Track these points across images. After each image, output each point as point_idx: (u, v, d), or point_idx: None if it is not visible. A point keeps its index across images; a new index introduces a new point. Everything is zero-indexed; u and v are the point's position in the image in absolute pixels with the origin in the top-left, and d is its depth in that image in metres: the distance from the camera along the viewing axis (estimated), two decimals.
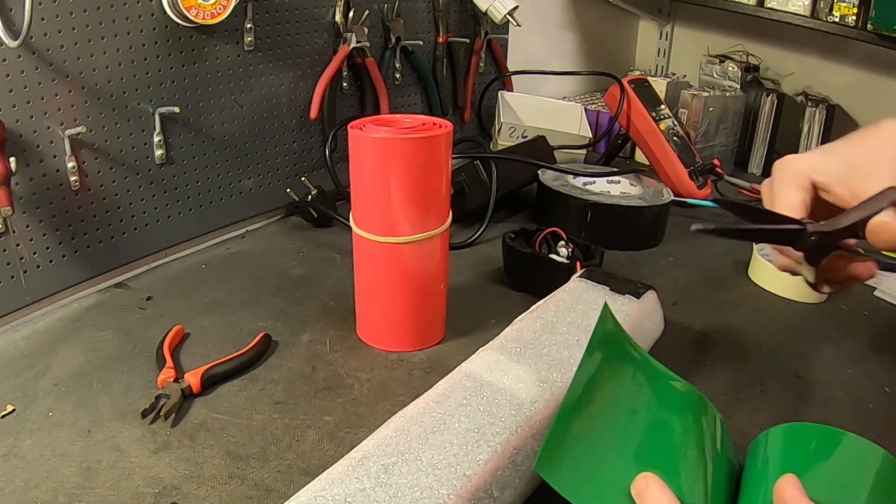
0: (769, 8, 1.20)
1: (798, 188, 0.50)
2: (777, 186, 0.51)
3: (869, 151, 0.49)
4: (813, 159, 0.50)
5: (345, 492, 0.36)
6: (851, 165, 0.49)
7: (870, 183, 0.47)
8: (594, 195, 0.86)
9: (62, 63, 0.64)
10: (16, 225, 0.63)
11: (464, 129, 1.20)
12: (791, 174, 0.50)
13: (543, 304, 0.57)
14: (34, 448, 0.49)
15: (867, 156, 0.49)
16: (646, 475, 0.36)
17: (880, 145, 0.49)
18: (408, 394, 0.56)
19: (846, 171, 0.48)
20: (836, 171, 0.49)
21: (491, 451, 0.40)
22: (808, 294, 0.74)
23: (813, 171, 0.49)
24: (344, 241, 0.76)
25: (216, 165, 0.82)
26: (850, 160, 0.49)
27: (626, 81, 1.05)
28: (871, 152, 0.49)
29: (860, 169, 0.48)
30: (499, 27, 1.15)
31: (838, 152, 0.50)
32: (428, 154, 0.56)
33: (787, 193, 0.50)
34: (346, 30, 0.91)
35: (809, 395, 0.59)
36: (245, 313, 0.68)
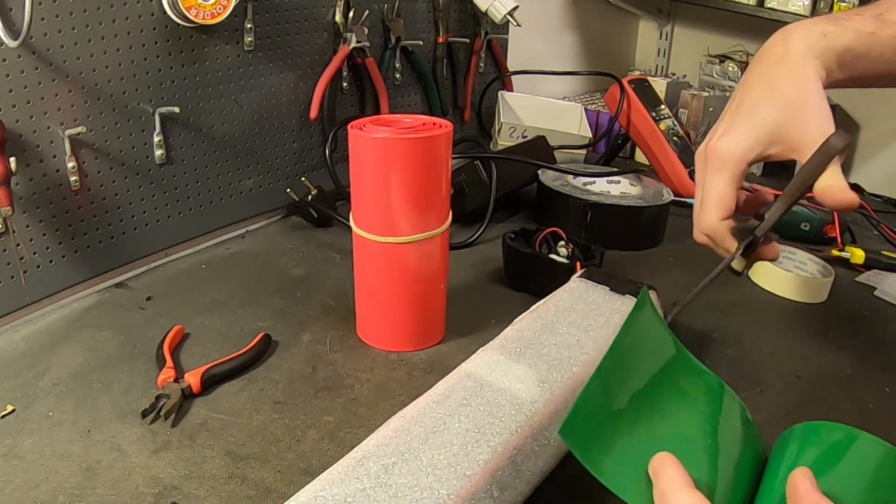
0: (769, 8, 1.20)
1: (730, 178, 0.48)
2: (709, 179, 0.49)
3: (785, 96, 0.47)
4: (737, 139, 0.48)
5: (345, 492, 0.36)
6: (777, 125, 0.47)
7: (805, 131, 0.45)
8: (594, 195, 0.86)
9: (62, 63, 0.64)
10: (16, 225, 0.63)
11: (464, 129, 1.20)
12: (720, 164, 0.49)
13: (543, 304, 0.57)
14: (34, 448, 0.49)
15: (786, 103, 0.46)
16: (663, 455, 0.36)
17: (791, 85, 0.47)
18: (408, 394, 0.56)
19: (775, 132, 0.47)
20: (765, 137, 0.47)
21: (491, 451, 0.40)
22: (808, 294, 0.74)
23: (743, 153, 0.48)
24: (344, 241, 0.76)
25: (216, 165, 0.82)
26: (772, 119, 0.47)
27: (626, 81, 1.05)
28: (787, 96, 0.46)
29: (788, 120, 0.46)
30: (499, 27, 1.15)
31: (755, 117, 0.48)
32: (428, 154, 0.56)
33: (719, 185, 0.49)
34: (346, 30, 0.91)
35: (809, 395, 0.59)
36: (245, 313, 0.68)
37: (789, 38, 0.48)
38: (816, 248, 0.82)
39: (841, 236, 0.87)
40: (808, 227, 0.88)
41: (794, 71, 0.47)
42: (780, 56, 0.48)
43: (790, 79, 0.47)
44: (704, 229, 0.50)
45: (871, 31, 0.48)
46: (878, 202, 1.10)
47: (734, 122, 0.49)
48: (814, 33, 0.48)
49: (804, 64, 0.47)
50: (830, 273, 0.76)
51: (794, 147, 0.46)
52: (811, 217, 0.88)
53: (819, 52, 0.47)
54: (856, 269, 0.82)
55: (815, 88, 0.46)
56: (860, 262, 0.81)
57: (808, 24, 0.49)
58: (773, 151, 0.47)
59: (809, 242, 0.87)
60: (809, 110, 0.46)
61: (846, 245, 0.84)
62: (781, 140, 0.46)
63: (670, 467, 0.36)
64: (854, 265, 0.82)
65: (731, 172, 0.48)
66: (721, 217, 0.49)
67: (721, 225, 0.49)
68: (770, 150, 0.47)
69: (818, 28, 0.48)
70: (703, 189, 0.50)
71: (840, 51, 0.47)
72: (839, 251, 0.83)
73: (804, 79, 0.46)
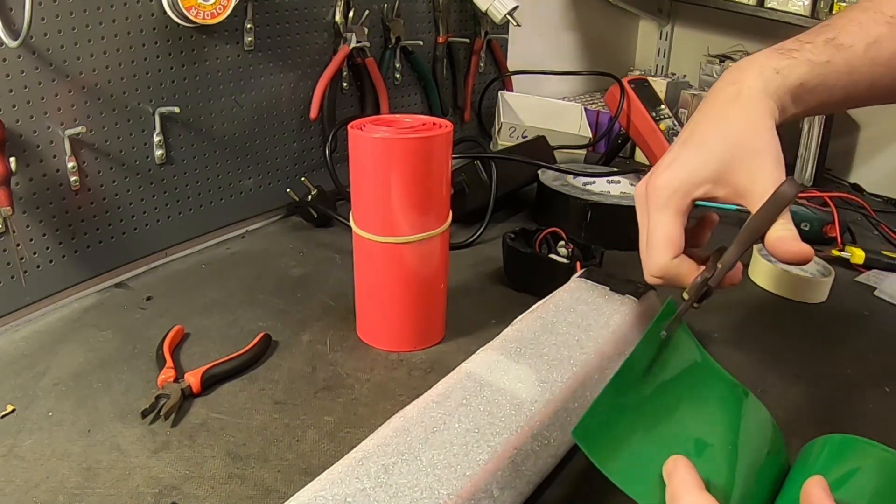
0: (769, 8, 1.20)
1: (675, 215, 0.45)
2: (653, 217, 0.46)
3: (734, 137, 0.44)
4: (683, 172, 0.45)
5: (345, 492, 0.36)
6: (724, 164, 0.44)
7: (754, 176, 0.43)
8: (594, 195, 0.86)
9: (62, 63, 0.64)
10: (16, 225, 0.63)
11: (464, 129, 1.20)
12: (664, 201, 0.45)
13: (543, 304, 0.57)
14: (34, 448, 0.49)
15: (735, 144, 0.44)
16: (676, 457, 0.37)
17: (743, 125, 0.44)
18: (408, 394, 0.56)
19: (722, 173, 0.44)
20: (712, 175, 0.44)
21: (491, 451, 0.40)
22: (808, 294, 0.74)
23: (688, 188, 0.45)
24: (344, 241, 0.76)
25: (216, 165, 0.82)
26: (720, 157, 0.44)
27: (626, 81, 1.05)
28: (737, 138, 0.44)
29: (736, 163, 0.44)
30: (499, 27, 1.15)
31: (702, 151, 0.45)
32: (428, 154, 0.56)
33: (666, 223, 0.45)
34: (346, 30, 0.91)
35: (810, 395, 0.59)
36: (245, 313, 0.68)
37: (742, 77, 0.46)
38: (816, 248, 0.82)
39: (841, 236, 0.87)
40: (808, 227, 0.88)
41: (747, 112, 0.45)
42: (732, 95, 0.46)
43: (742, 120, 0.44)
44: (656, 272, 0.46)
45: (825, 59, 0.46)
46: (878, 202, 1.10)
47: (680, 155, 0.46)
48: (767, 70, 0.45)
49: (757, 104, 0.45)
50: (830, 273, 0.76)
51: (741, 193, 0.44)
52: (811, 217, 0.88)
53: (773, 91, 0.45)
54: (856, 269, 0.82)
55: (767, 132, 0.44)
56: (860, 262, 0.81)
57: (760, 60, 0.46)
58: (720, 193, 0.45)
59: (809, 242, 0.84)
60: (760, 156, 0.43)
61: (846, 245, 0.84)
62: (728, 183, 0.44)
63: (683, 469, 0.36)
64: (854, 265, 0.82)
65: (676, 208, 0.45)
66: (671, 257, 0.45)
67: (672, 264, 0.45)
68: (717, 190, 0.45)
69: (771, 64, 0.46)
70: (648, 229, 0.46)
71: (794, 86, 0.45)
72: (839, 251, 0.83)
73: (757, 121, 0.44)
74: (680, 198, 0.45)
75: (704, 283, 0.44)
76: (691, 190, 0.45)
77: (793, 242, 0.42)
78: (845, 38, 0.46)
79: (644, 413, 0.40)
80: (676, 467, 0.36)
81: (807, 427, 0.52)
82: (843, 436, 0.42)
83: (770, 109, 0.45)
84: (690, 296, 0.44)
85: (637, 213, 0.49)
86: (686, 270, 0.45)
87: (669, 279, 0.46)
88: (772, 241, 0.43)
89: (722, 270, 0.44)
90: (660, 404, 0.41)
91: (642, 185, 0.48)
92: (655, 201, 0.46)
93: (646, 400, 0.40)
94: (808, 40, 0.47)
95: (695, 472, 0.36)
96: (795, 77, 0.45)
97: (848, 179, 1.20)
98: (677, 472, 0.36)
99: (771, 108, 0.45)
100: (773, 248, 0.43)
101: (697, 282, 0.44)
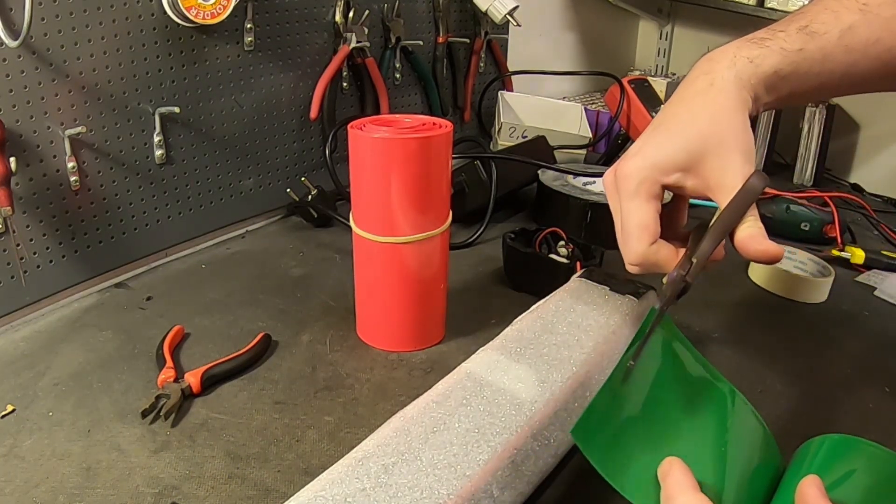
0: (769, 8, 1.20)
1: (647, 200, 0.44)
2: (626, 205, 0.45)
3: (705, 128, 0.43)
4: (651, 158, 0.44)
5: (345, 492, 0.36)
6: (695, 153, 0.43)
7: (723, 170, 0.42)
8: (594, 195, 0.86)
9: (62, 63, 0.64)
10: (16, 225, 0.63)
11: (464, 129, 1.20)
12: (634, 187, 0.45)
13: (543, 304, 0.57)
14: (34, 448, 0.49)
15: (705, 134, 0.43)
16: (671, 459, 0.37)
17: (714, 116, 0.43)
18: (408, 394, 0.56)
19: (692, 161, 0.43)
20: (681, 161, 0.44)
21: (491, 451, 0.40)
22: (808, 294, 0.74)
23: (658, 173, 0.44)
24: (344, 241, 0.76)
25: (216, 165, 0.82)
26: (690, 145, 0.43)
27: (626, 81, 1.05)
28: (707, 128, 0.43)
29: (706, 154, 0.43)
30: (499, 27, 1.15)
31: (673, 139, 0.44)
32: (428, 154, 0.56)
33: (638, 210, 0.44)
34: (346, 30, 0.91)
35: (809, 395, 0.59)
36: (245, 313, 0.68)
37: (715, 68, 0.45)
38: (816, 248, 0.82)
39: (841, 236, 0.87)
40: (808, 227, 0.88)
41: (719, 102, 0.44)
42: (705, 85, 0.45)
43: (713, 110, 0.44)
44: (634, 260, 0.45)
45: (798, 47, 0.45)
46: (878, 202, 1.10)
47: (649, 142, 0.45)
48: (740, 60, 0.45)
49: (730, 95, 0.44)
50: (830, 273, 0.76)
51: (710, 186, 0.43)
52: (811, 217, 0.88)
53: (746, 80, 0.44)
54: (856, 269, 0.82)
55: (739, 124, 0.43)
56: (860, 262, 0.81)
57: (732, 49, 0.46)
58: (689, 183, 0.44)
59: (809, 242, 0.87)
60: (730, 148, 0.43)
61: (846, 245, 0.84)
62: (698, 173, 0.43)
63: (677, 471, 0.36)
64: (854, 265, 0.82)
65: (647, 193, 0.44)
66: (648, 243, 0.44)
67: (650, 250, 0.44)
68: (686, 180, 0.44)
69: (743, 53, 0.45)
70: (622, 217, 0.45)
71: (768, 74, 0.45)
72: (839, 251, 0.83)
73: (729, 112, 0.43)
74: (650, 184, 0.44)
75: (681, 279, 0.43)
76: (660, 176, 0.44)
77: (760, 240, 0.42)
78: (818, 25, 0.46)
79: (638, 413, 0.40)
80: (672, 469, 0.36)
81: (806, 427, 0.52)
82: (839, 436, 0.42)
83: (743, 100, 0.44)
84: (668, 293, 0.43)
85: (609, 202, 0.48)
86: (665, 256, 0.44)
87: (649, 266, 0.45)
88: (740, 240, 0.42)
89: (697, 266, 0.43)
90: (653, 404, 0.41)
91: (610, 174, 0.47)
92: (626, 188, 0.45)
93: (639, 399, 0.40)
94: (781, 29, 0.46)
95: (689, 473, 0.36)
96: (769, 66, 0.45)
97: (848, 179, 1.20)
98: (672, 474, 0.36)
99: (744, 99, 0.44)
100: (742, 246, 0.42)
101: (673, 277, 0.43)
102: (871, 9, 0.46)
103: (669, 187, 0.45)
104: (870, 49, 0.46)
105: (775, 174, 1.17)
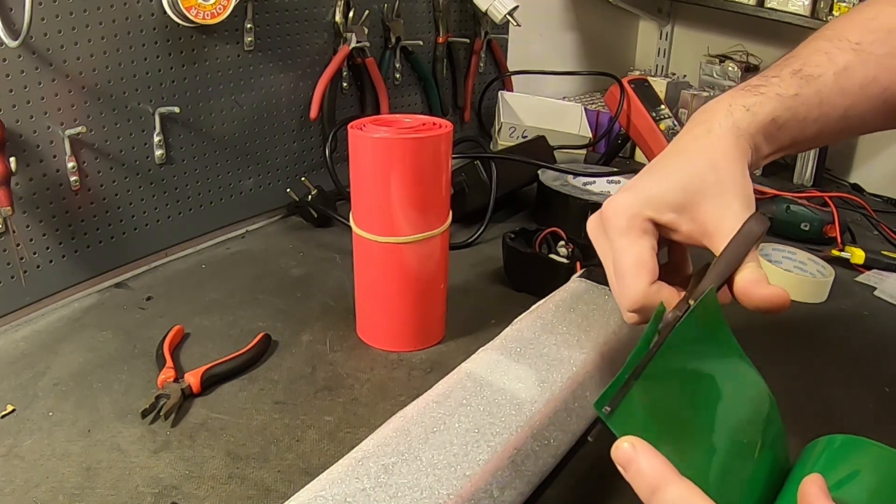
0: (769, 8, 1.20)
1: (641, 235, 0.41)
2: (617, 243, 0.41)
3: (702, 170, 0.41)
4: (642, 194, 0.41)
5: (345, 492, 0.36)
6: (690, 193, 0.40)
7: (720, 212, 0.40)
8: (594, 195, 0.86)
9: (62, 63, 0.64)
10: (16, 225, 0.63)
11: (464, 129, 1.20)
12: (625, 222, 0.41)
13: (543, 304, 0.57)
14: (34, 448, 0.49)
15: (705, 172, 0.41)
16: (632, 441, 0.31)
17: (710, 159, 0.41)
18: (408, 394, 0.56)
19: (687, 202, 0.40)
20: (677, 202, 0.41)
21: (491, 451, 0.40)
22: (808, 294, 0.74)
23: (651, 210, 0.41)
24: (344, 241, 0.76)
25: (216, 165, 0.82)
26: (686, 185, 0.41)
27: (626, 81, 1.05)
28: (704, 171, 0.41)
29: (703, 195, 0.40)
30: (499, 27, 1.15)
31: (671, 173, 0.42)
32: (428, 154, 0.56)
33: (632, 246, 0.40)
34: (346, 30, 0.91)
35: (810, 395, 0.59)
36: (245, 313, 0.68)
37: (712, 117, 0.43)
38: (816, 248, 0.82)
39: (841, 236, 0.87)
40: (808, 227, 0.88)
41: (716, 147, 0.41)
42: (702, 132, 0.43)
43: (710, 154, 0.41)
44: (633, 304, 0.40)
45: (794, 92, 0.43)
46: (878, 202, 1.10)
47: (640, 180, 0.43)
48: (737, 109, 0.43)
49: (727, 141, 0.42)
50: (830, 273, 0.76)
51: (707, 230, 0.40)
52: (811, 217, 0.88)
53: (744, 130, 0.42)
54: (856, 269, 0.82)
55: (737, 169, 0.41)
56: (860, 262, 0.81)
57: (727, 99, 0.44)
58: (683, 228, 0.41)
59: (809, 242, 0.87)
60: (728, 193, 0.40)
61: (846, 245, 0.84)
62: (693, 216, 0.41)
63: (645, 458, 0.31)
64: (854, 265, 0.82)
65: (640, 228, 0.41)
66: (648, 283, 0.40)
67: (651, 290, 0.40)
68: (681, 223, 0.41)
69: (739, 102, 0.43)
70: (613, 259, 0.42)
71: (765, 123, 0.43)
72: (839, 251, 0.83)
73: (726, 157, 0.41)
74: (642, 220, 0.41)
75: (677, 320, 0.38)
76: (653, 213, 0.41)
77: (764, 286, 0.39)
78: (812, 68, 0.44)
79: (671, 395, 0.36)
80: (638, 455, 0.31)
81: (807, 427, 0.52)
82: (844, 436, 0.42)
83: (741, 148, 0.42)
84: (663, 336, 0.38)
85: (595, 248, 0.44)
86: (667, 298, 0.40)
87: (649, 311, 0.40)
88: (742, 285, 0.39)
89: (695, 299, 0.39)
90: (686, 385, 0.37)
91: (595, 217, 0.44)
92: (615, 225, 0.41)
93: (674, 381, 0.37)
94: (774, 74, 0.45)
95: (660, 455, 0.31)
96: (765, 113, 0.43)
97: (848, 179, 1.20)
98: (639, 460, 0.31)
99: (742, 148, 0.42)
100: (743, 292, 0.39)
101: (669, 319, 0.39)
102: (864, 48, 0.45)
103: (662, 229, 0.42)
104: (867, 89, 0.44)
105: (775, 174, 1.17)
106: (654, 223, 0.41)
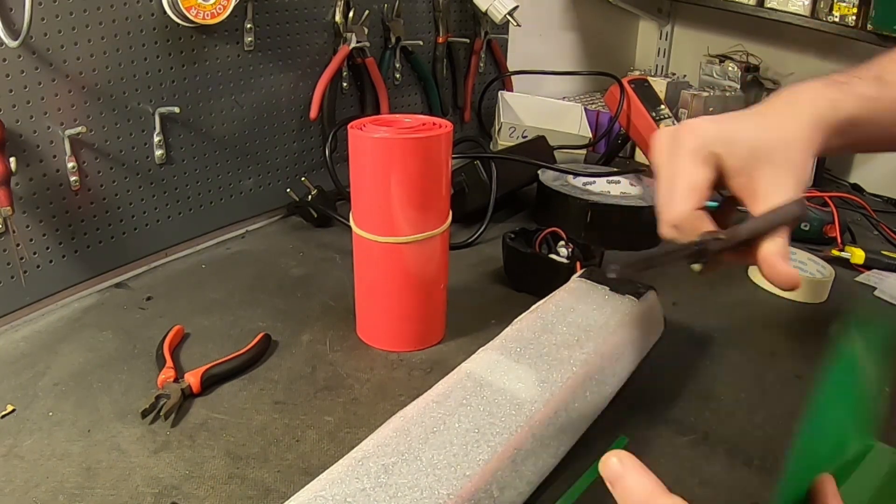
0: (769, 8, 1.20)
1: (703, 164, 0.43)
2: (680, 162, 0.44)
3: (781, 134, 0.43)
4: (723, 127, 0.44)
5: (345, 492, 0.36)
6: (758, 155, 0.43)
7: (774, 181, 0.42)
8: (594, 195, 0.86)
9: (62, 63, 0.64)
10: (16, 225, 0.63)
11: (464, 129, 1.20)
12: (695, 145, 0.44)
13: (543, 304, 0.57)
14: (34, 448, 0.49)
15: (778, 142, 0.43)
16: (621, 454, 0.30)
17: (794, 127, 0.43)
18: (408, 394, 0.56)
19: (752, 160, 0.43)
20: (743, 156, 0.43)
21: (491, 451, 0.40)
22: (808, 294, 0.74)
23: (721, 144, 0.43)
24: (344, 241, 0.76)
25: (216, 165, 0.82)
26: (757, 147, 0.43)
27: (626, 81, 1.05)
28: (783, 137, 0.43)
29: (765, 163, 0.43)
30: (499, 27, 1.15)
31: (750, 126, 0.44)
32: (428, 154, 0.56)
33: (693, 170, 0.43)
34: (346, 30, 0.91)
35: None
36: (245, 313, 0.68)
37: (799, 100, 0.45)
38: (816, 248, 0.82)
39: (841, 236, 0.87)
40: (808, 227, 0.88)
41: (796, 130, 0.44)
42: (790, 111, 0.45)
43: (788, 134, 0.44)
44: (674, 220, 0.44)
45: (874, 95, 0.45)
46: (878, 202, 1.10)
47: (728, 117, 0.45)
48: (823, 99, 0.45)
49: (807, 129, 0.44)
50: (830, 273, 0.76)
51: (754, 192, 0.43)
52: (811, 217, 0.88)
53: (825, 122, 0.44)
54: (856, 269, 0.82)
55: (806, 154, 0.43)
56: (860, 262, 0.81)
57: (817, 87, 0.46)
58: (738, 179, 0.44)
59: (809, 242, 0.87)
60: (789, 170, 0.42)
61: (846, 245, 0.84)
62: (750, 175, 0.43)
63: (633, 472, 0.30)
64: (854, 265, 0.82)
65: (707, 157, 0.43)
66: (694, 206, 0.43)
67: (692, 215, 0.43)
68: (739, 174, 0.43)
69: (827, 95, 0.45)
70: (673, 175, 0.44)
71: (842, 121, 0.45)
72: (839, 251, 0.83)
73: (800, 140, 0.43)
74: (710, 151, 0.43)
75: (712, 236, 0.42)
76: (722, 151, 0.43)
77: (785, 262, 0.41)
78: (890, 76, 0.46)
79: None
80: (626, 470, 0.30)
81: None
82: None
83: (815, 139, 0.44)
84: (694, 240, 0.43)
85: (655, 158, 0.46)
86: (703, 228, 0.44)
87: (685, 232, 0.44)
88: (765, 255, 0.42)
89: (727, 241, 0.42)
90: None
91: (669, 130, 0.46)
92: (687, 143, 0.44)
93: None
94: (857, 75, 0.47)
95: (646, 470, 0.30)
96: (846, 111, 0.45)
97: (848, 179, 1.20)
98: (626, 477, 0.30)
99: (817, 139, 0.44)
100: (766, 262, 0.42)
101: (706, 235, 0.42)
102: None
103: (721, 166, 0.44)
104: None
105: None
106: (717, 161, 0.44)
